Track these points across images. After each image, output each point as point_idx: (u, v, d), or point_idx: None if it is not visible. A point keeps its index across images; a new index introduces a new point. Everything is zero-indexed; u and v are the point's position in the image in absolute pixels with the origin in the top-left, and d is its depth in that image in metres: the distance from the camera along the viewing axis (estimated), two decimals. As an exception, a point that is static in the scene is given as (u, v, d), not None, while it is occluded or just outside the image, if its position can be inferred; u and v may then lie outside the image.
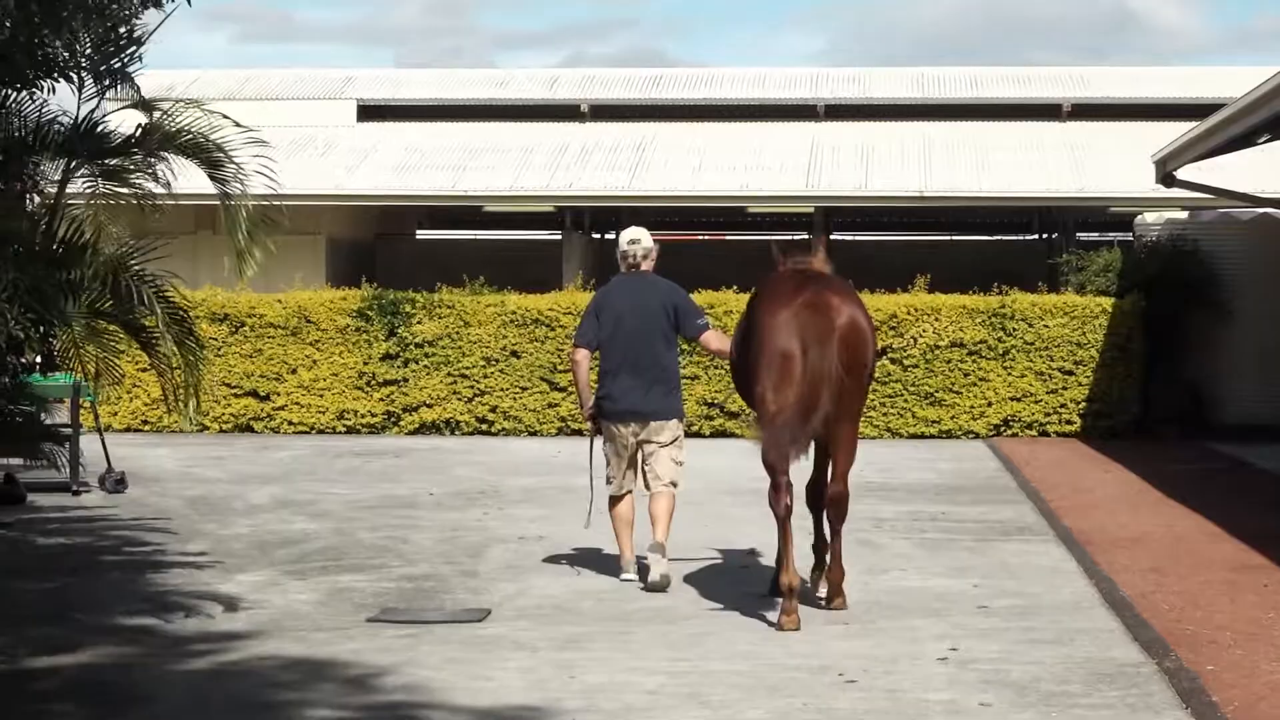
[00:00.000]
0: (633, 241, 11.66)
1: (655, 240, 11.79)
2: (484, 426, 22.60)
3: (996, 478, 17.88)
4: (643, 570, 11.33)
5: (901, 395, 22.17)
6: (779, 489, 9.95)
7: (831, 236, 31.60)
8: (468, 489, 16.65)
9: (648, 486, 11.38)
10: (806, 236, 31.92)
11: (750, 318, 10.41)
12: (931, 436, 22.08)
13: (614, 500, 11.50)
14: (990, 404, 22.11)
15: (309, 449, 20.72)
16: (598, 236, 33.12)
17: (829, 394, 9.86)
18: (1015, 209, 31.10)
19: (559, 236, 29.52)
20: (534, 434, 22.44)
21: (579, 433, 22.06)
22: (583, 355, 11.50)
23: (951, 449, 20.90)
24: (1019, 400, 22.13)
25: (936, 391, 22.13)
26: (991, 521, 14.43)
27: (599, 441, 11.66)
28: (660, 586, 10.99)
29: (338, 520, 14.37)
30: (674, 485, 11.39)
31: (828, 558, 10.62)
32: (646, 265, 11.63)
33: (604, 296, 11.63)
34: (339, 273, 27.43)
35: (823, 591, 10.65)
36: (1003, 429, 22.13)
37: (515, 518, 14.56)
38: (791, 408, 9.80)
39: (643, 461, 11.38)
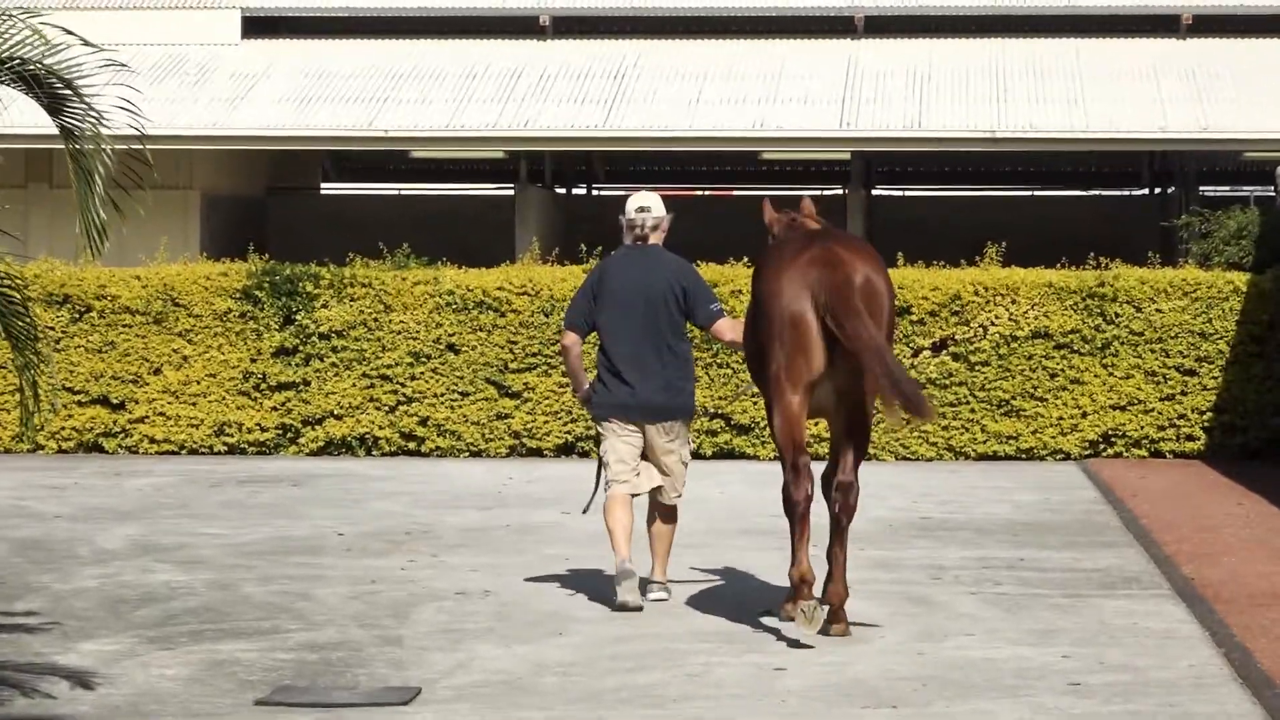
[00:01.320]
0: (641, 210, 12.90)
1: (666, 206, 13.02)
2: (411, 445, 22.60)
3: (1093, 512, 17.92)
4: (641, 584, 12.66)
5: (967, 403, 22.20)
6: (798, 472, 11.42)
7: (874, 191, 31.73)
8: (389, 528, 16.66)
9: (651, 493, 12.88)
10: (842, 191, 32.04)
11: (755, 292, 11.69)
12: (1008, 457, 22.11)
13: (615, 500, 12.66)
14: (1085, 414, 22.16)
15: (177, 475, 20.71)
16: (563, 191, 33.16)
17: (841, 356, 11.35)
18: (1118, 154, 31.16)
19: (511, 191, 29.55)
20: (477, 454, 22.45)
21: (537, 453, 22.10)
22: (573, 340, 12.86)
23: (1034, 474, 20.93)
24: (1123, 409, 22.17)
25: (1014, 398, 22.16)
26: (1087, 571, 14.47)
27: (604, 433, 12.80)
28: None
29: (216, 570, 14.38)
30: (678, 496, 12.91)
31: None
32: (656, 238, 12.91)
33: (603, 272, 12.90)
34: (218, 239, 27.43)
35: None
36: (1102, 447, 22.17)
37: (452, 566, 14.58)
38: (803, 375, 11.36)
39: (646, 457, 12.72)
